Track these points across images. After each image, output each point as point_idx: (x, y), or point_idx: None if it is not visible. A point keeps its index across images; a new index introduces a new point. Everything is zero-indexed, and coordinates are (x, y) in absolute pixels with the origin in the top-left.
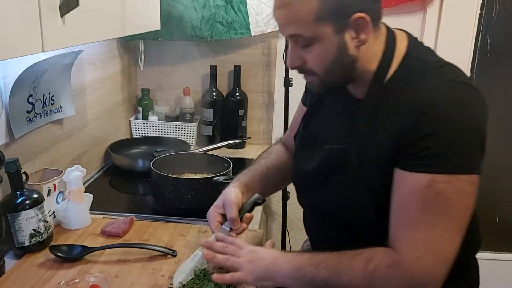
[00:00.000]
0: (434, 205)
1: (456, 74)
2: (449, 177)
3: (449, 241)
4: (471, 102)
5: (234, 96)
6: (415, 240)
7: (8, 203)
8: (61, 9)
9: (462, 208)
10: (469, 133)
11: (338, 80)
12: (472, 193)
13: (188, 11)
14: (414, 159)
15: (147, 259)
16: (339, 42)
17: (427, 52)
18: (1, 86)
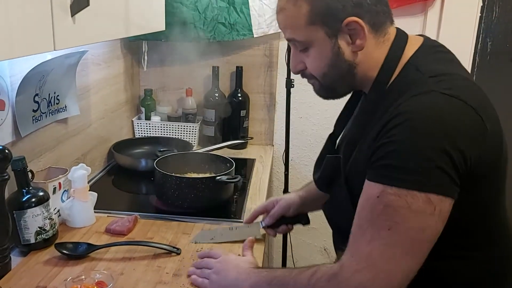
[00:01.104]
0: (381, 217)
1: (444, 85)
2: (400, 190)
3: (390, 258)
4: (447, 115)
5: (236, 96)
6: (357, 251)
7: (14, 201)
8: (72, 8)
9: (412, 226)
10: (434, 148)
11: (339, 85)
12: (430, 213)
13: (191, 12)
14: (373, 168)
15: (151, 256)
16: (333, 47)
17: (431, 61)
18: (8, 85)
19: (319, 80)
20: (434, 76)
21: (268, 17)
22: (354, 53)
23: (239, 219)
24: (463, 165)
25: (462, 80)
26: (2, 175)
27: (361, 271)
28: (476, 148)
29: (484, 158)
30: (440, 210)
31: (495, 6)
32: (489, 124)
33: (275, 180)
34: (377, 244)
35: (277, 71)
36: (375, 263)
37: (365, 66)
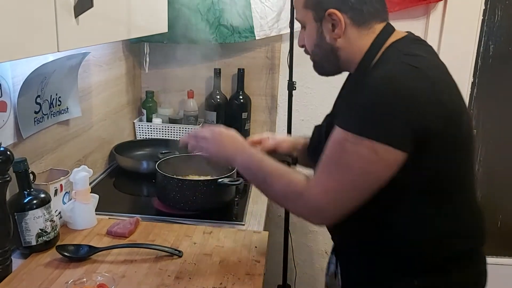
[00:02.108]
0: (338, 158)
1: (414, 60)
2: (355, 137)
3: (341, 191)
4: (407, 81)
5: (237, 99)
6: (319, 181)
7: (15, 202)
8: (76, 9)
9: (359, 169)
10: (389, 106)
11: (325, 63)
12: (374, 160)
13: (193, 14)
14: (341, 116)
15: (153, 259)
16: (318, 29)
17: (410, 46)
18: (10, 86)
19: (310, 55)
20: (409, 54)
21: (270, 19)
22: (335, 39)
23: (241, 221)
24: (416, 123)
25: (433, 61)
26: (4, 176)
27: (318, 196)
28: (429, 113)
29: (435, 124)
30: (387, 159)
31: (497, 9)
32: (446, 97)
33: None
34: (332, 179)
35: (279, 74)
36: (329, 193)
37: (348, 51)
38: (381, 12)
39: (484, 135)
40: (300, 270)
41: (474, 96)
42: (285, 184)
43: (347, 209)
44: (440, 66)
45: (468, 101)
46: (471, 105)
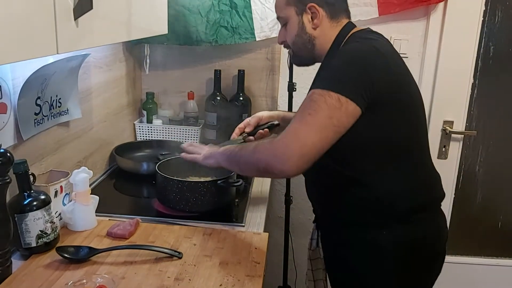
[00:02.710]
0: (307, 107)
1: (371, 42)
2: (322, 91)
3: (307, 132)
4: (364, 53)
5: (238, 100)
6: (290, 128)
7: (15, 204)
8: (75, 12)
9: (324, 114)
10: (351, 68)
11: (303, 53)
12: (337, 108)
13: (193, 16)
14: (314, 81)
15: (153, 260)
16: (299, 22)
17: (368, 34)
18: (10, 88)
19: (291, 47)
20: (367, 38)
21: (270, 20)
22: (313, 29)
23: (241, 223)
24: (370, 85)
25: (385, 44)
26: (4, 178)
27: (287, 139)
28: (381, 78)
29: (388, 87)
30: (346, 108)
31: (497, 10)
32: (394, 68)
33: (277, 184)
34: (301, 123)
35: (279, 75)
36: (297, 134)
37: (322, 40)
38: (347, 11)
39: (484, 136)
40: (300, 271)
41: (474, 97)
42: (255, 145)
43: (311, 155)
44: (391, 49)
45: (468, 102)
46: (471, 106)
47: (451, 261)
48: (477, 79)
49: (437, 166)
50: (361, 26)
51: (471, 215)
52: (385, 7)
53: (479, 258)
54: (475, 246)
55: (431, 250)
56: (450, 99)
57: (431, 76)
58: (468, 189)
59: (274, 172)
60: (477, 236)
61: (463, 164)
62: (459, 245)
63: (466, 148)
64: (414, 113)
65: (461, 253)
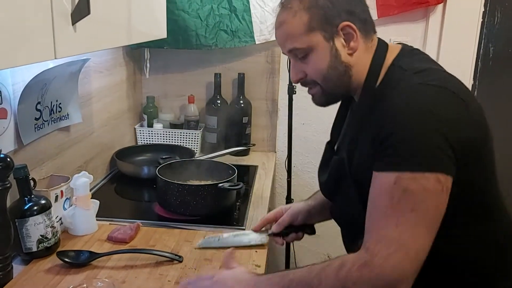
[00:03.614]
0: (402, 201)
1: (429, 78)
2: (414, 174)
3: (418, 237)
4: (436, 102)
5: (238, 103)
6: (384, 237)
7: (16, 209)
8: (73, 17)
9: (430, 205)
10: (431, 132)
11: (338, 89)
12: (440, 191)
13: (193, 19)
14: (381, 159)
15: (153, 264)
16: (331, 49)
17: (413, 61)
18: (10, 93)
19: (320, 84)
20: (419, 72)
21: (270, 24)
22: (349, 55)
23: (241, 226)
24: (456, 145)
25: (444, 72)
26: (4, 183)
27: (394, 254)
28: (465, 131)
29: (472, 139)
30: (447, 187)
31: (497, 11)
32: (473, 108)
33: (278, 187)
34: (405, 226)
35: (279, 78)
36: (406, 243)
37: (358, 68)
38: (373, 23)
39: None
40: None
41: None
42: (336, 270)
43: (422, 259)
44: (450, 76)
45: None
46: None
47: None
48: (477, 80)
49: None
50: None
51: None
52: (384, 9)
53: None
54: None
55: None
56: None
57: None
58: None
59: None
60: None
61: None
62: None
63: None
64: (492, 156)
65: None
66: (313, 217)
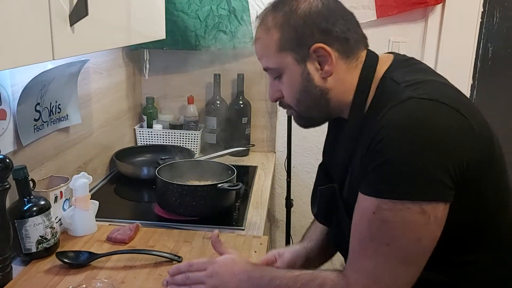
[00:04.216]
0: (379, 233)
1: (422, 91)
2: (394, 204)
3: (394, 272)
4: (430, 119)
5: (237, 104)
6: (361, 267)
7: (15, 209)
8: (71, 18)
9: (409, 239)
10: (420, 156)
11: (314, 112)
12: (425, 223)
13: (192, 20)
14: (366, 180)
15: (153, 265)
16: (303, 73)
17: (404, 73)
18: (10, 95)
19: (294, 107)
20: (410, 84)
21: None
22: (324, 79)
23: (241, 226)
24: (455, 167)
25: (438, 83)
26: (3, 184)
27: (369, 286)
28: (466, 149)
29: (476, 158)
30: (435, 217)
31: (495, 11)
32: (475, 122)
33: (277, 187)
34: (379, 260)
35: None
36: (381, 278)
37: (339, 91)
38: (363, 38)
39: None
40: None
41: (474, 98)
42: None
43: None
44: (447, 85)
45: None
46: None
47: None
48: (476, 80)
49: None
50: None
51: None
52: (383, 10)
53: None
54: None
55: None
56: None
57: None
58: None
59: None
60: None
61: None
62: None
63: None
64: (504, 175)
65: None
66: (311, 263)
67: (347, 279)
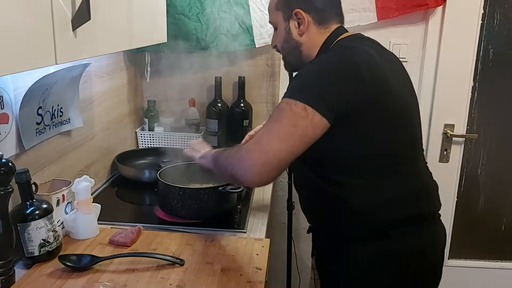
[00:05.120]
0: (273, 115)
1: (348, 50)
2: (289, 100)
3: (270, 140)
4: (335, 63)
5: (239, 106)
6: (256, 136)
7: (18, 213)
8: (73, 23)
9: (290, 121)
10: (319, 79)
11: (291, 58)
12: (303, 117)
13: (193, 23)
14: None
15: (155, 268)
16: (286, 27)
17: (351, 42)
18: (12, 98)
19: (281, 53)
20: (347, 47)
21: (269, 27)
22: (300, 35)
23: (242, 229)
24: (338, 98)
25: (364, 51)
26: (6, 187)
27: (251, 145)
28: (350, 90)
29: (359, 99)
30: (312, 119)
31: (496, 13)
32: (368, 76)
33: (279, 190)
34: (266, 132)
35: (279, 81)
36: (261, 142)
37: (308, 46)
38: (340, 15)
39: (485, 139)
40: (304, 277)
41: (475, 100)
42: (229, 150)
43: (274, 164)
44: (370, 56)
45: (469, 105)
46: (472, 109)
47: (454, 265)
48: (477, 82)
49: (439, 169)
50: (355, 31)
51: (473, 218)
52: (384, 12)
53: (482, 262)
54: (478, 250)
55: (416, 266)
56: (450, 102)
57: (431, 79)
58: (470, 193)
59: (239, 180)
60: (480, 240)
61: (464, 167)
62: (462, 249)
63: (468, 151)
64: (398, 123)
65: (464, 257)
66: None
67: (246, 143)
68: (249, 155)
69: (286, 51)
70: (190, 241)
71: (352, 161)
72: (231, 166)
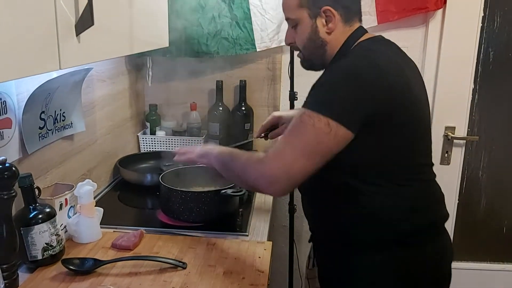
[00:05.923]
0: (295, 128)
1: (371, 54)
2: (312, 113)
3: (293, 156)
4: (360, 69)
5: (240, 110)
6: (277, 148)
7: (21, 217)
8: (77, 28)
9: (313, 138)
10: (344, 88)
11: (314, 57)
12: (326, 133)
13: (195, 28)
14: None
15: (157, 271)
16: (312, 25)
17: (374, 43)
18: (15, 103)
19: (302, 51)
20: (369, 49)
21: (270, 31)
22: (327, 33)
23: (244, 232)
24: (364, 108)
25: (387, 54)
26: (9, 192)
27: (275, 162)
28: (377, 99)
29: (386, 108)
30: (336, 133)
31: (496, 16)
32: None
33: None
34: (287, 146)
35: (280, 84)
36: (283, 158)
37: (332, 45)
38: (360, 13)
39: (486, 140)
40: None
41: (476, 102)
42: (246, 158)
43: (298, 178)
44: (396, 61)
45: (470, 107)
46: (473, 111)
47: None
48: (477, 84)
49: (440, 171)
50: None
51: (475, 220)
52: (384, 15)
53: (483, 264)
54: (479, 252)
55: (433, 273)
56: (451, 104)
57: (431, 82)
58: (471, 194)
59: (261, 191)
60: (481, 242)
61: (466, 169)
62: (463, 251)
63: (469, 153)
64: (420, 131)
65: (466, 259)
66: None
67: (266, 155)
68: (273, 171)
69: (310, 50)
70: (192, 244)
71: (371, 168)
72: (253, 178)
